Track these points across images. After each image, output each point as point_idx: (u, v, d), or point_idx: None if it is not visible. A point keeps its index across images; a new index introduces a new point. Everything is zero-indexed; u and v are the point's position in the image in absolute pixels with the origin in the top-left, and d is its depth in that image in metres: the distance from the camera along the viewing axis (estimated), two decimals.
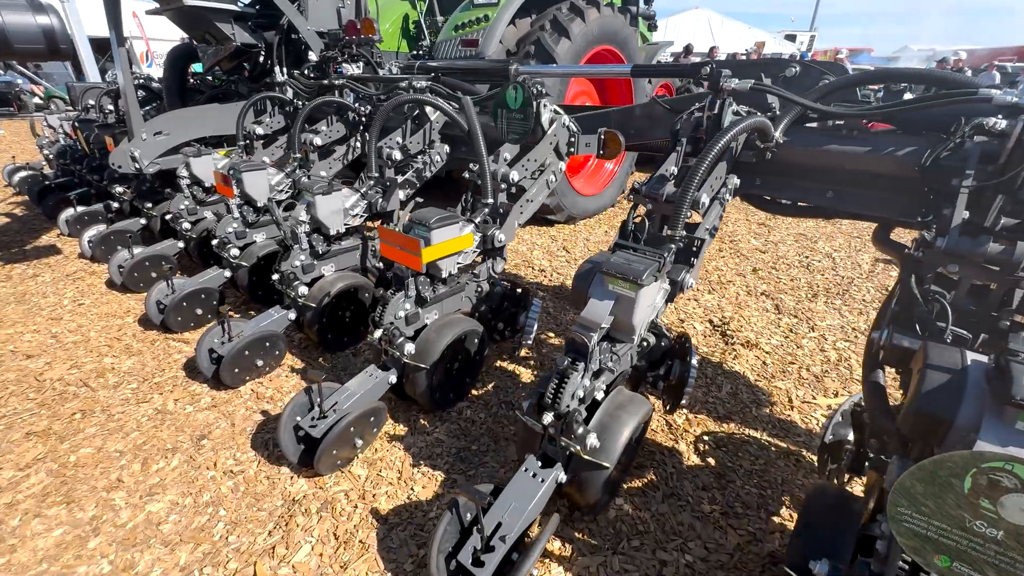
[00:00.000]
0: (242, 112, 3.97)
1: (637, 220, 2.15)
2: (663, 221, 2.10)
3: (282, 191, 3.67)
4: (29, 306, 3.74)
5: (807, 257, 5.08)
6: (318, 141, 3.70)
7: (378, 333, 2.29)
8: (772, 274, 4.65)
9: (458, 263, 2.43)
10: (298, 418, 2.21)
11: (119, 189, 4.87)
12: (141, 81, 6.12)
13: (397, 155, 3.18)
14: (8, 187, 6.71)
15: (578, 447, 1.69)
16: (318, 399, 2.19)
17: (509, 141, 2.75)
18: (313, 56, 4.52)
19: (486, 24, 5.19)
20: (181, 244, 4.02)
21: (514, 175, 2.56)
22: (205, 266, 3.89)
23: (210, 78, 5.68)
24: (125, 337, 3.33)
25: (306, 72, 4.47)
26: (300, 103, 4.28)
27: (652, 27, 7.92)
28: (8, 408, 2.66)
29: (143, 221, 4.57)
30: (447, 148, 3.48)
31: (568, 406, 1.69)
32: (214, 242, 3.42)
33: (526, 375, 3.01)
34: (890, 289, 1.73)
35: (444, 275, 2.37)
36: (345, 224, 3.04)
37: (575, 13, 5.14)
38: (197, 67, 5.68)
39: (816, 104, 1.92)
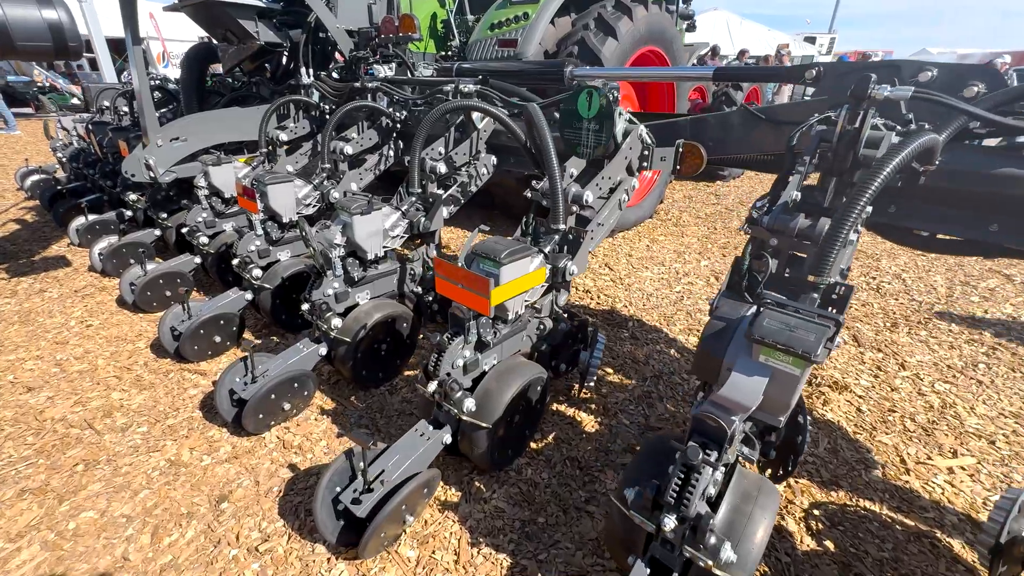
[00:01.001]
0: (265, 116, 3.63)
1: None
2: (790, 261, 1.72)
3: (310, 205, 3.33)
4: (34, 327, 3.43)
5: (874, 278, 4.64)
6: (349, 150, 3.35)
7: (432, 386, 1.92)
8: None
9: (526, 301, 2.06)
10: (337, 488, 1.84)
11: (133, 197, 4.56)
12: (157, 82, 5.82)
13: (442, 168, 2.81)
14: (20, 191, 6.46)
15: (710, 562, 1.30)
16: (361, 466, 1.82)
17: (578, 155, 2.38)
18: (340, 56, 4.19)
19: (525, 23, 4.81)
20: (198, 259, 3.69)
21: (588, 195, 2.17)
22: (223, 283, 3.57)
23: (230, 79, 5.37)
24: (136, 367, 3.00)
25: (332, 74, 4.14)
26: (327, 107, 3.95)
27: (691, 27, 7.50)
28: (2, 455, 2.33)
29: (157, 233, 4.25)
30: (494, 159, 3.11)
31: (696, 509, 1.31)
32: (235, 262, 3.07)
33: (588, 422, 2.62)
34: None
35: (511, 316, 2.00)
36: (384, 247, 2.68)
37: (621, 11, 4.74)
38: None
39: (1005, 119, 1.52)
